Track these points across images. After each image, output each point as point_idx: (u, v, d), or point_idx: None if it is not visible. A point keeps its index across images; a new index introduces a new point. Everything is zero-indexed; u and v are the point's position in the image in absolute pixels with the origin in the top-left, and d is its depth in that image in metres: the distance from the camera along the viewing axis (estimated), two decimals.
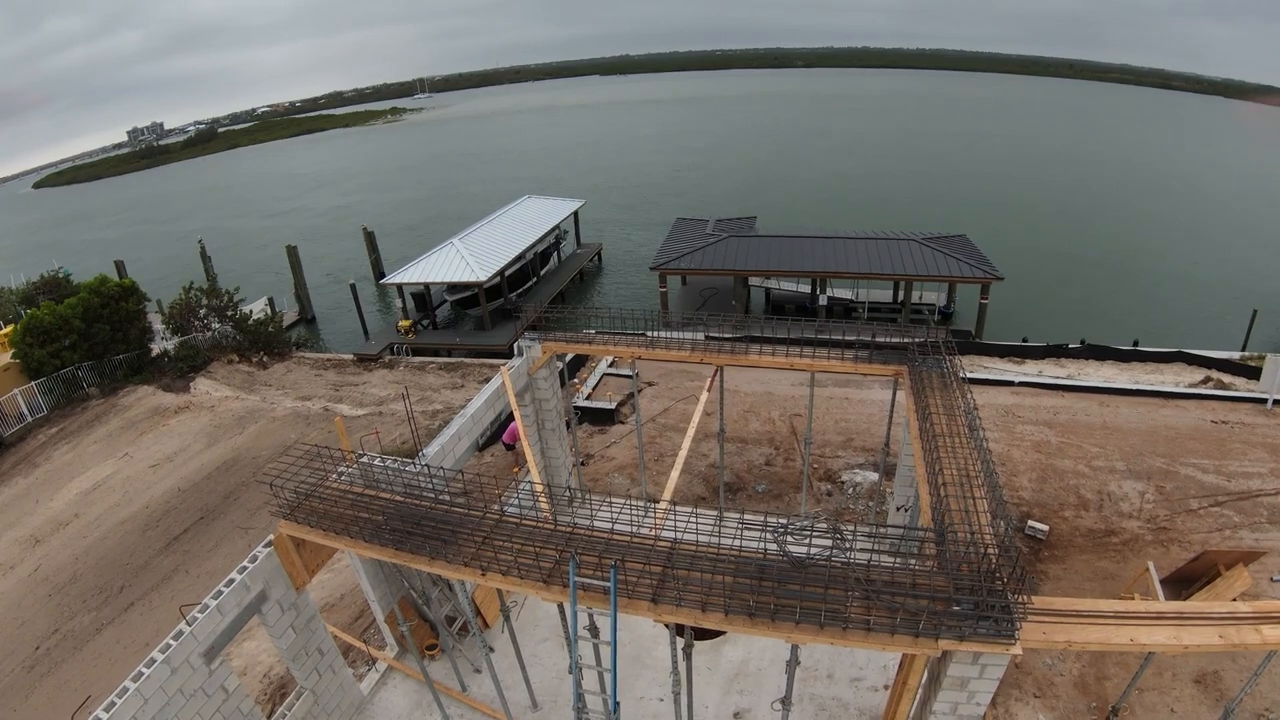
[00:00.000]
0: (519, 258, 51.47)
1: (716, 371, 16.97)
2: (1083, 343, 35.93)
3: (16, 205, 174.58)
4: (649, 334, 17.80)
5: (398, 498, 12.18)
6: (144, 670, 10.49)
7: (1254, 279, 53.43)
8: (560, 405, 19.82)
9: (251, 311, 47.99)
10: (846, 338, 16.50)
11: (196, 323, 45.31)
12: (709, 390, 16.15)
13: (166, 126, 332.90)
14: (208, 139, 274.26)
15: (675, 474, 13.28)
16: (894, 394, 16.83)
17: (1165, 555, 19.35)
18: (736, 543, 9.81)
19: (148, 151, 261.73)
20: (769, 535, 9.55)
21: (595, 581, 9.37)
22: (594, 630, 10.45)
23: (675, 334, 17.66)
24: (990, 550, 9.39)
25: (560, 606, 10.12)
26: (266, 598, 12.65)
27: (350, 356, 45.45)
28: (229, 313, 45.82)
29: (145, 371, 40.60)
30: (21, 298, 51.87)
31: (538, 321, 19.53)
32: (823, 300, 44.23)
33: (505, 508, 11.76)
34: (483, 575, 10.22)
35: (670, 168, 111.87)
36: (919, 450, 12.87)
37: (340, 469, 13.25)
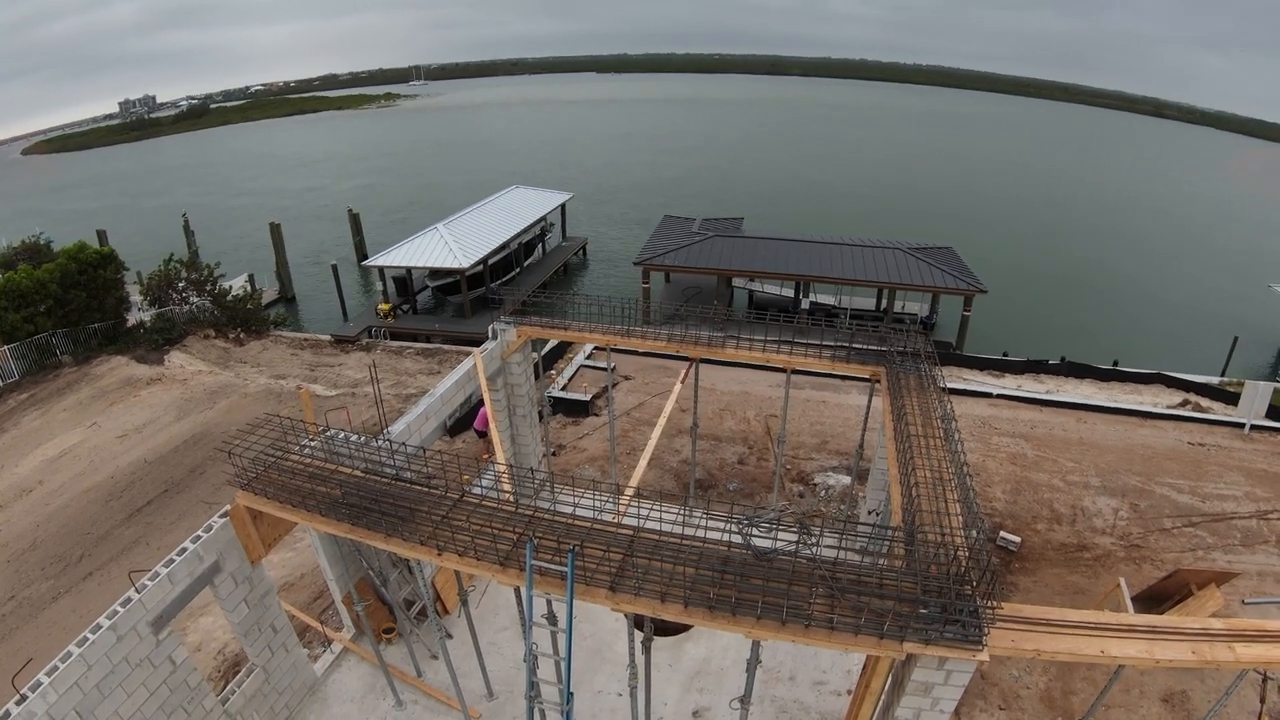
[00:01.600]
0: (503, 246, 51.13)
1: (692, 364, 16.72)
2: (1063, 360, 35.94)
3: (4, 171, 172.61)
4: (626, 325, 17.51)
5: (358, 473, 11.85)
6: (89, 635, 10.18)
7: (1234, 306, 53.98)
8: (533, 392, 19.51)
9: (231, 287, 47.38)
10: (824, 342, 16.29)
11: (175, 295, 44.67)
12: (682, 382, 15.88)
13: (159, 100, 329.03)
14: (199, 114, 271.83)
15: (643, 462, 13.02)
16: (870, 396, 16.65)
17: (1137, 573, 19.24)
18: (700, 534, 9.55)
19: (138, 123, 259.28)
20: (734, 527, 9.29)
21: (553, 566, 9.08)
22: (552, 618, 10.16)
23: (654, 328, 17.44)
24: (960, 553, 9.16)
25: (517, 591, 9.80)
26: (220, 569, 12.31)
27: (327, 337, 45.01)
28: (208, 287, 45.24)
29: (120, 342, 40.01)
30: (0, 261, 51.08)
31: (515, 307, 19.22)
32: (805, 305, 44.11)
33: (469, 489, 11.48)
34: (438, 555, 9.91)
35: (661, 168, 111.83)
36: (892, 451, 12.66)
37: (304, 443, 12.92)
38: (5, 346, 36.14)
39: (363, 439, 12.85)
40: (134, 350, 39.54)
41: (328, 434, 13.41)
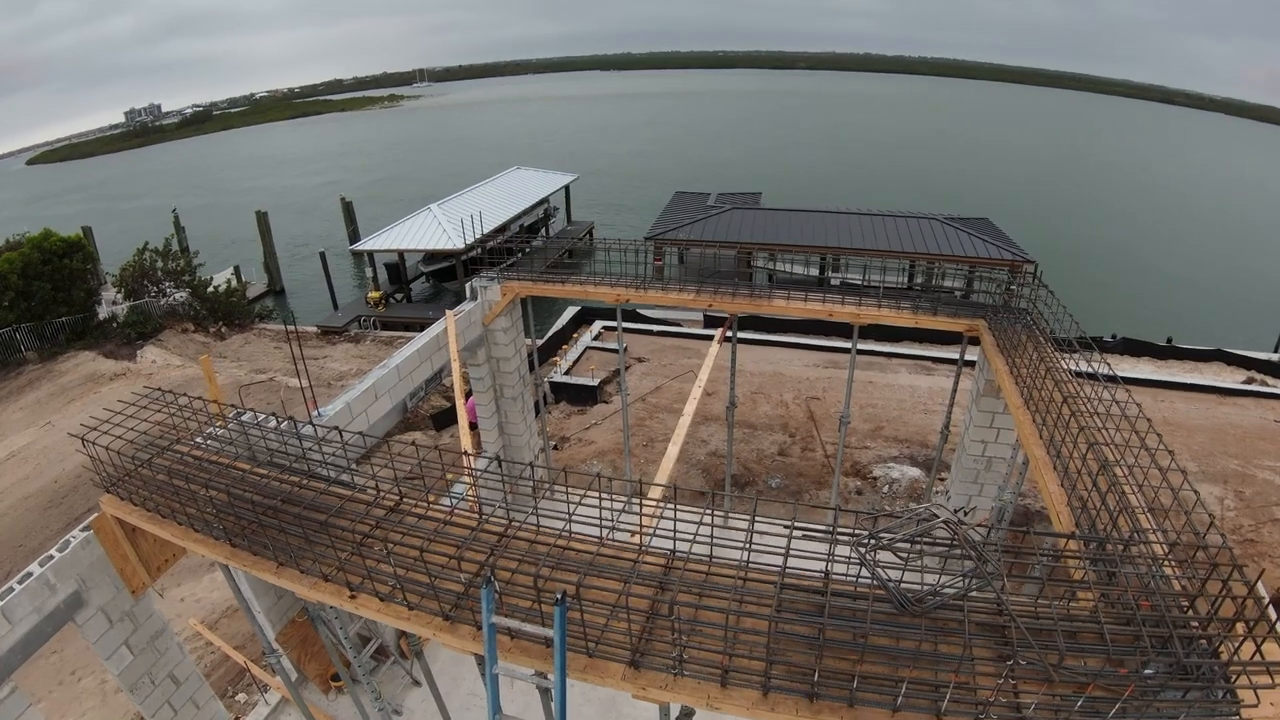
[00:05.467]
0: (503, 228, 47.27)
1: (729, 322, 12.94)
2: (1115, 337, 32.50)
3: (7, 181, 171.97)
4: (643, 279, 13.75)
5: (259, 471, 8.16)
6: None
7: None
8: (524, 367, 15.76)
9: (212, 279, 44.03)
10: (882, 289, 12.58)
11: (151, 288, 41.34)
12: (720, 343, 12.12)
13: (164, 109, 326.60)
14: (202, 120, 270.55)
15: (673, 451, 9.22)
16: (960, 363, 12.88)
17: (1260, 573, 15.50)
18: (774, 560, 5.82)
19: (141, 130, 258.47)
20: (844, 549, 5.55)
21: (528, 629, 5.33)
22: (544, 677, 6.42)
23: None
24: (1178, 574, 5.54)
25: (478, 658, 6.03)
26: (83, 603, 8.90)
27: (314, 329, 41.65)
28: (186, 278, 41.92)
29: (89, 336, 36.73)
30: None
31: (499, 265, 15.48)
32: (834, 282, 40.28)
33: (446, 495, 7.85)
34: (351, 598, 6.21)
35: (670, 156, 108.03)
36: (1028, 427, 8.90)
37: (210, 430, 9.29)
38: None
39: (287, 423, 9.19)
40: (104, 345, 36.29)
41: (243, 417, 9.78)
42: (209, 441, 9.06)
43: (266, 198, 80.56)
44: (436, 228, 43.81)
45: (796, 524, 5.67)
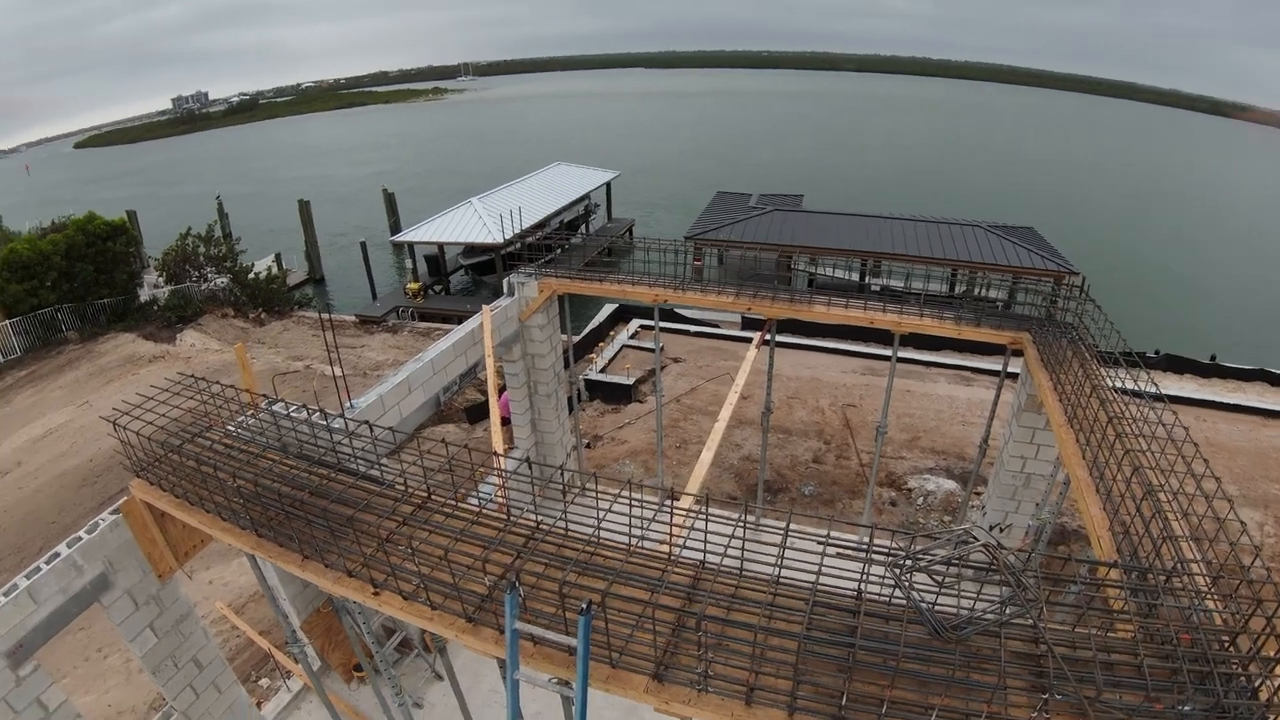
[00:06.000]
0: (542, 224, 47.11)
1: (767, 327, 12.75)
2: (1157, 353, 31.71)
3: (55, 164, 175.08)
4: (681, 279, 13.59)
5: (288, 462, 8.15)
6: None
7: None
8: (560, 365, 15.69)
9: (253, 265, 44.54)
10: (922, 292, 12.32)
11: (193, 272, 41.88)
12: (758, 347, 11.94)
13: (211, 96, 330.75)
14: (248, 108, 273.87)
15: (707, 456, 9.05)
16: (1001, 377, 12.58)
17: None
18: (806, 576, 5.66)
19: (188, 117, 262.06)
20: (877, 569, 5.38)
21: (551, 636, 5.23)
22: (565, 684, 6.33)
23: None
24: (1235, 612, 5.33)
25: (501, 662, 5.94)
26: (110, 585, 8.94)
27: (352, 318, 41.86)
28: (228, 264, 42.42)
29: (130, 318, 37.27)
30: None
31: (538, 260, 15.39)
32: (875, 288, 39.74)
33: (475, 495, 7.78)
34: (375, 595, 6.15)
35: (713, 156, 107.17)
36: (1070, 446, 8.64)
37: (241, 419, 9.31)
38: (7, 321, 33.68)
39: (318, 416, 9.17)
40: (144, 328, 36.84)
41: (270, 406, 9.78)
42: (240, 430, 9.07)
43: (309, 187, 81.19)
44: (477, 221, 43.94)
45: (831, 540, 5.50)
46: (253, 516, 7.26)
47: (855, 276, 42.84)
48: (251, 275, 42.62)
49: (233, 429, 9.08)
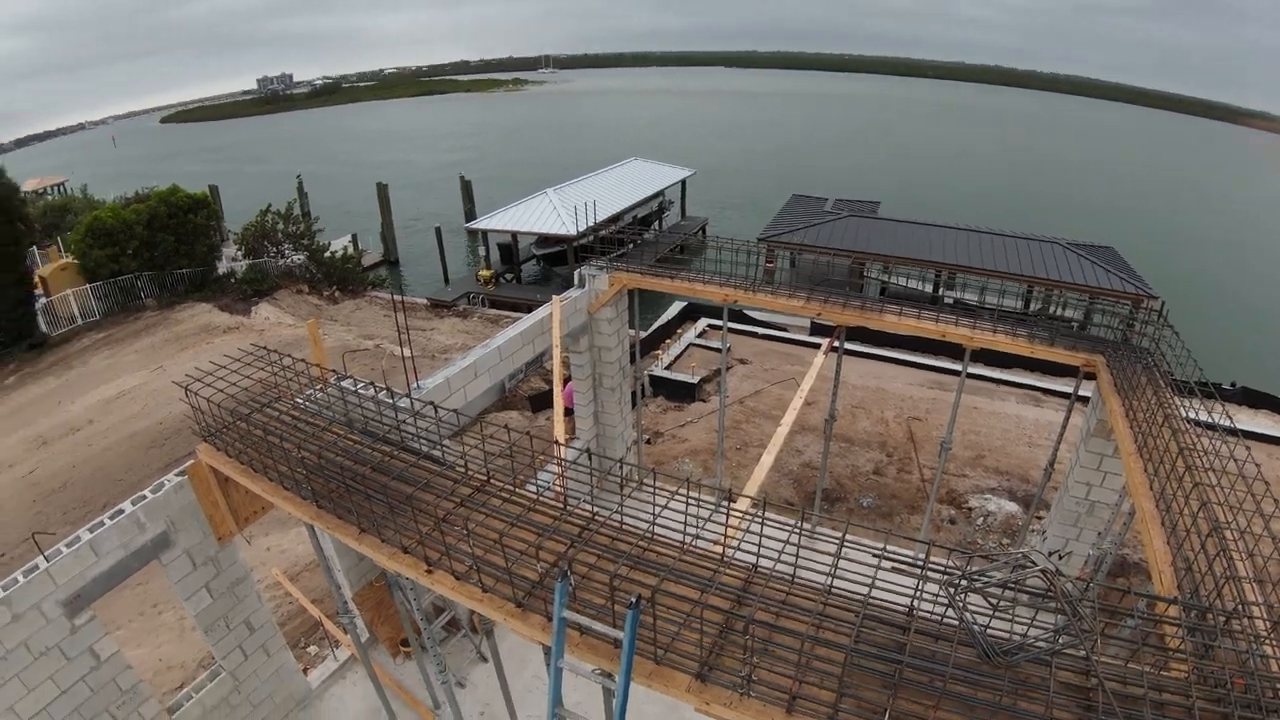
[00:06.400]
0: (616, 218, 47.20)
1: (836, 333, 12.61)
2: (1234, 385, 30.36)
3: (141, 137, 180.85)
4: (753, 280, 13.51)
5: (352, 437, 8.32)
6: None
7: None
8: (625, 359, 15.70)
9: (330, 244, 45.56)
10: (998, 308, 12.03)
11: (271, 248, 43.02)
12: (826, 352, 11.82)
13: (295, 79, 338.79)
14: (331, 91, 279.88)
15: (767, 460, 8.99)
16: (1074, 395, 12.24)
17: None
18: (858, 588, 5.59)
19: (272, 97, 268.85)
20: (931, 586, 5.28)
21: (597, 627, 5.25)
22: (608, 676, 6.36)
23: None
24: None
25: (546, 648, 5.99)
26: (170, 543, 9.26)
27: (423, 301, 42.61)
28: (305, 241, 43.47)
29: (207, 289, 38.47)
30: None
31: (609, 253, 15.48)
32: (948, 300, 39.00)
33: (534, 482, 7.87)
34: (428, 572, 6.25)
35: (788, 158, 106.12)
36: (1138, 477, 8.37)
37: (309, 392, 9.54)
38: (88, 285, 34.94)
39: (386, 393, 9.34)
40: (220, 299, 37.95)
41: (339, 382, 10.01)
42: (307, 403, 9.28)
43: (388, 171, 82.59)
44: (551, 212, 44.32)
45: (886, 553, 5.42)
46: (314, 488, 7.42)
47: (928, 288, 42.01)
48: (328, 254, 43.61)
49: (300, 401, 9.29)
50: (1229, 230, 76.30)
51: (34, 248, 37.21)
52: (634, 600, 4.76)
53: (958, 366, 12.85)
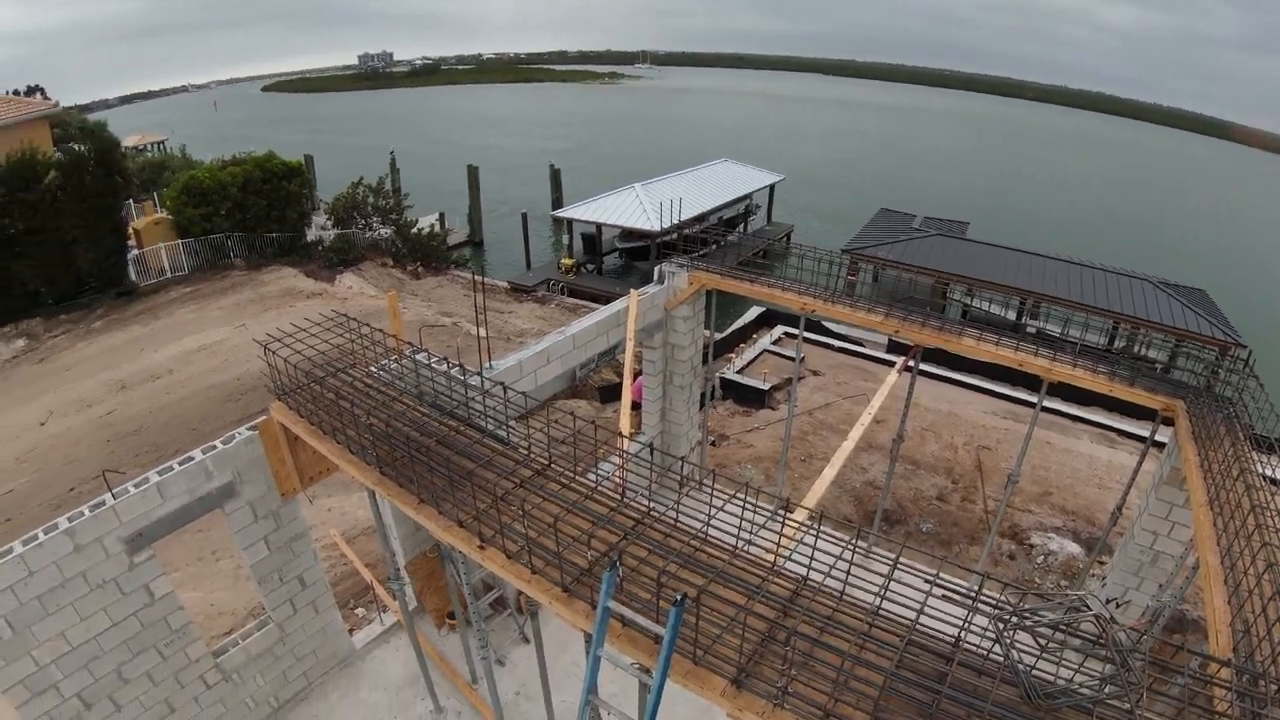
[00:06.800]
0: (701, 217, 47.13)
1: (912, 352, 12.43)
2: None
3: (243, 102, 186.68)
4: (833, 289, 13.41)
5: (421, 409, 8.53)
6: (40, 534, 7.95)
7: None
8: (698, 359, 15.70)
9: (417, 221, 46.53)
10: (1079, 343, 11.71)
11: (359, 220, 44.09)
12: (900, 371, 11.67)
13: (395, 58, 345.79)
14: (431, 72, 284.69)
15: (829, 474, 8.93)
16: (1149, 440, 11.85)
17: None
18: (906, 613, 5.54)
19: (371, 74, 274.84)
20: (981, 619, 5.20)
21: (640, 621, 5.30)
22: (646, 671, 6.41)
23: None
24: None
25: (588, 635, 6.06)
26: (234, 494, 9.63)
27: (504, 284, 43.23)
28: (393, 216, 44.45)
29: (294, 255, 39.60)
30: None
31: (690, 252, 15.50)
32: (1030, 329, 38.00)
33: (594, 472, 7.97)
34: (480, 548, 6.38)
35: (880, 171, 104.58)
36: (1207, 530, 8.08)
37: (384, 362, 9.79)
38: (180, 241, 36.24)
39: (459, 370, 9.51)
40: (306, 265, 38.99)
41: (414, 355, 10.24)
42: (380, 372, 9.51)
43: (479, 154, 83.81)
44: (637, 206, 44.47)
45: (939, 580, 5.35)
46: (379, 454, 7.63)
47: (1011, 314, 40.95)
48: (414, 230, 44.60)
49: (374, 370, 9.53)
50: None
51: (130, 201, 38.59)
52: (680, 598, 4.79)
53: (1033, 398, 12.55)
